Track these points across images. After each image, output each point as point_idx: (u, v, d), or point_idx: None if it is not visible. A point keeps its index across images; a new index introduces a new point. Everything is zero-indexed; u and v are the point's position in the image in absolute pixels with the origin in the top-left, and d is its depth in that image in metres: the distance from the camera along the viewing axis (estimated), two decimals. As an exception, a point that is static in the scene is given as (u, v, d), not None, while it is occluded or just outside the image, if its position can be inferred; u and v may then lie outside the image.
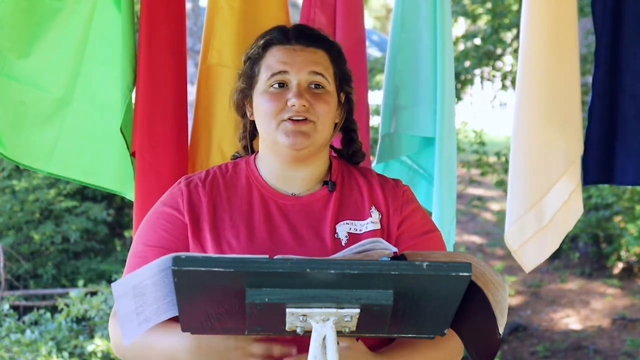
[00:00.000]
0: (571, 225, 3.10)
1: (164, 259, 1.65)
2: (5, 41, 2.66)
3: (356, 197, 2.03)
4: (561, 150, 2.98)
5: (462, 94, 10.95)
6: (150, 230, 2.01)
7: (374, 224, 1.99)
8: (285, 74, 2.00)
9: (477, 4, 10.69)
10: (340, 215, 2.00)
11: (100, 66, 2.75)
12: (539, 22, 2.98)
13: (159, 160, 2.76)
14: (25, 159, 2.76)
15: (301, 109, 1.96)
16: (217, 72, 2.90)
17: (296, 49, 2.02)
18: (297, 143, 1.96)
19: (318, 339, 1.64)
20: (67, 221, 9.21)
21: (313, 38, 2.05)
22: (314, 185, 2.04)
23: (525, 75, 2.99)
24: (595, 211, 10.18)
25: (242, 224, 1.97)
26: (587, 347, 8.83)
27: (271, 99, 1.99)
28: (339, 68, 2.07)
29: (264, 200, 2.01)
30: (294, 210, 2.00)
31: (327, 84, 2.02)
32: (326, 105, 2.00)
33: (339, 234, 1.97)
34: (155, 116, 2.76)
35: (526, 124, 2.99)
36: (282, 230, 1.97)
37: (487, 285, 1.70)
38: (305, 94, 1.98)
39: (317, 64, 2.01)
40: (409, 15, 3.07)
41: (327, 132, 2.02)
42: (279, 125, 1.97)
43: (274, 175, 2.03)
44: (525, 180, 2.99)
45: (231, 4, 2.90)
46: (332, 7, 3.00)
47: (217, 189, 2.02)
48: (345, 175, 2.08)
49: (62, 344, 6.79)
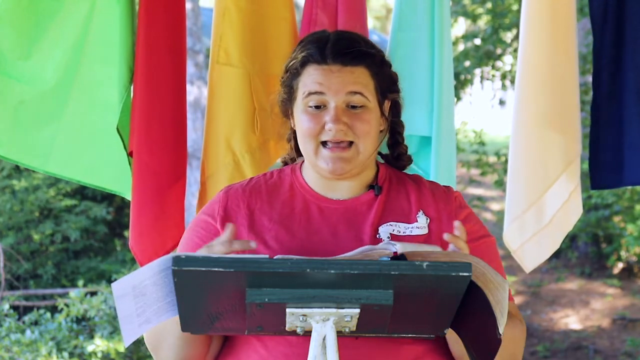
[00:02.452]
0: (571, 224, 3.09)
1: (164, 259, 1.65)
2: (5, 41, 2.66)
3: (403, 201, 2.01)
4: (559, 149, 2.97)
5: (462, 93, 10.96)
6: (187, 238, 2.03)
7: (419, 229, 1.96)
8: (322, 94, 1.94)
9: (477, 4, 10.70)
10: (384, 218, 1.97)
11: (99, 66, 2.75)
12: (538, 22, 2.98)
13: (156, 161, 2.75)
14: (24, 159, 2.76)
15: (339, 134, 1.93)
16: (225, 71, 2.90)
17: (333, 70, 1.95)
18: (337, 170, 1.94)
19: (318, 339, 1.64)
20: (67, 220, 9.21)
21: (352, 55, 1.97)
22: (360, 191, 2.02)
23: (524, 75, 2.99)
24: (595, 211, 10.18)
25: (281, 227, 1.96)
26: (587, 347, 8.83)
27: (309, 120, 1.95)
28: (381, 79, 2.00)
29: (306, 204, 2.00)
30: (337, 213, 1.98)
31: (366, 102, 1.96)
32: (366, 125, 1.95)
33: (381, 234, 1.95)
34: (153, 116, 2.75)
35: (525, 123, 2.99)
36: (322, 232, 1.95)
37: (487, 285, 1.70)
38: (342, 117, 1.93)
39: (355, 83, 1.95)
40: (407, 14, 3.07)
41: (371, 148, 1.98)
42: (317, 148, 1.95)
43: (318, 184, 2.02)
44: (523, 180, 2.98)
45: (238, 4, 2.91)
46: (333, 8, 3.01)
47: (258, 193, 2.02)
48: (393, 180, 2.05)
49: (62, 344, 6.79)
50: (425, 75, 3.03)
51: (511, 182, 3.01)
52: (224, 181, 2.88)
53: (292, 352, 1.86)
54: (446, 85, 3.04)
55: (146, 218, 2.77)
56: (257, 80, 2.94)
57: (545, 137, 2.96)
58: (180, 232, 2.83)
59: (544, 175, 2.97)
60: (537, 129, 2.97)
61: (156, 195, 2.76)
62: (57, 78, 2.73)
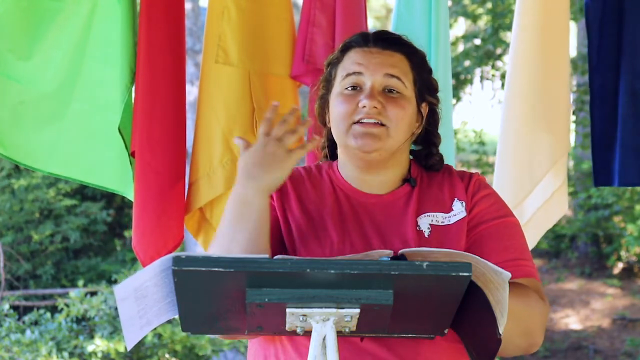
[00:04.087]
0: (552, 223, 3.11)
1: (164, 259, 1.65)
2: (6, 42, 2.67)
3: (436, 191, 2.00)
4: (546, 148, 2.99)
5: (462, 93, 10.97)
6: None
7: (457, 214, 1.96)
8: (360, 75, 1.94)
9: (477, 4, 10.71)
10: (421, 209, 1.96)
11: (100, 66, 2.75)
12: (531, 21, 3.00)
13: (158, 160, 2.76)
14: (25, 159, 2.76)
15: (372, 111, 1.90)
16: (224, 71, 2.90)
17: (373, 52, 1.96)
18: (366, 145, 1.91)
19: (318, 339, 1.64)
20: (67, 221, 9.22)
21: (392, 41, 1.99)
22: (394, 185, 2.00)
23: (514, 73, 3.02)
24: (595, 211, 10.19)
25: (331, 218, 1.95)
26: (587, 347, 8.84)
27: (344, 101, 1.94)
28: (420, 75, 2.00)
29: (349, 200, 1.98)
30: (377, 209, 1.97)
31: (403, 89, 1.95)
32: (401, 110, 1.93)
33: (420, 226, 1.94)
34: (154, 116, 2.76)
35: (512, 122, 3.02)
36: (368, 228, 1.94)
37: (487, 285, 1.70)
38: (378, 96, 1.91)
39: (394, 67, 1.95)
40: (405, 15, 3.08)
41: (401, 137, 1.95)
42: (349, 128, 1.93)
43: (354, 180, 2.00)
44: (510, 179, 3.01)
45: (237, 3, 2.91)
46: (331, 8, 3.01)
47: (302, 183, 2.00)
48: (424, 174, 2.04)
49: (62, 344, 6.79)
50: None
51: (498, 181, 3.03)
52: (221, 181, 2.88)
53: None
54: (444, 87, 3.03)
55: (148, 218, 2.77)
56: (256, 80, 2.95)
57: (531, 136, 2.98)
58: (181, 232, 2.83)
59: (530, 175, 2.99)
60: (524, 127, 3.00)
61: (158, 195, 2.77)
62: (59, 79, 2.73)
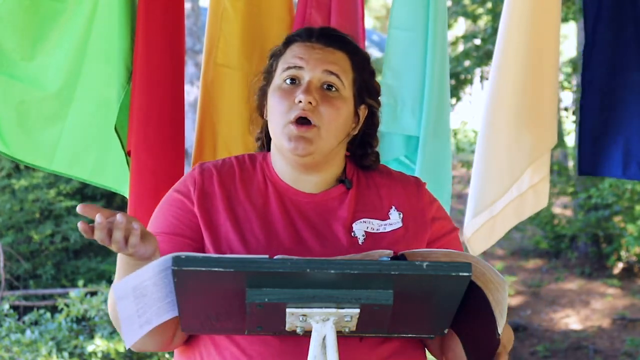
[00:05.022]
0: (524, 217, 3.14)
1: (163, 259, 1.65)
2: (8, 42, 2.67)
3: (373, 197, 1.98)
4: (527, 146, 3.00)
5: (462, 93, 10.96)
6: (162, 216, 1.98)
7: (393, 224, 1.94)
8: (300, 69, 1.93)
9: (477, 4, 10.71)
10: (357, 214, 1.94)
11: (102, 65, 2.75)
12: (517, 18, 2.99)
13: (154, 161, 2.74)
14: (28, 157, 2.77)
15: (307, 107, 1.89)
16: (224, 72, 2.90)
17: (315, 47, 1.95)
18: (298, 148, 1.90)
19: (318, 339, 1.64)
20: (67, 221, 9.21)
21: (336, 39, 1.98)
22: (329, 185, 1.98)
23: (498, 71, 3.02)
24: (595, 211, 10.19)
25: (258, 218, 1.92)
26: (587, 347, 8.84)
27: (281, 96, 1.93)
28: (360, 76, 1.98)
29: (280, 197, 1.95)
30: (310, 208, 1.94)
31: (342, 88, 1.93)
32: (335, 110, 1.91)
33: (355, 232, 1.92)
34: (151, 116, 2.75)
35: (493, 118, 3.02)
36: (300, 226, 1.92)
37: (487, 286, 1.70)
38: (314, 92, 1.90)
39: (334, 64, 1.93)
40: (402, 14, 3.07)
41: (333, 140, 1.93)
42: (284, 127, 1.91)
43: (287, 176, 1.97)
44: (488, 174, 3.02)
45: (235, 5, 2.90)
46: (327, 8, 3.00)
47: (232, 179, 1.97)
48: (361, 174, 2.02)
49: (62, 344, 6.79)
50: (417, 75, 3.03)
51: (476, 177, 3.05)
52: None
53: (268, 352, 1.82)
54: (440, 87, 3.03)
55: (143, 218, 2.76)
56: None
57: (514, 132, 2.99)
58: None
59: (510, 171, 3.00)
60: (506, 123, 3.00)
61: (154, 195, 2.76)
62: (61, 78, 2.73)
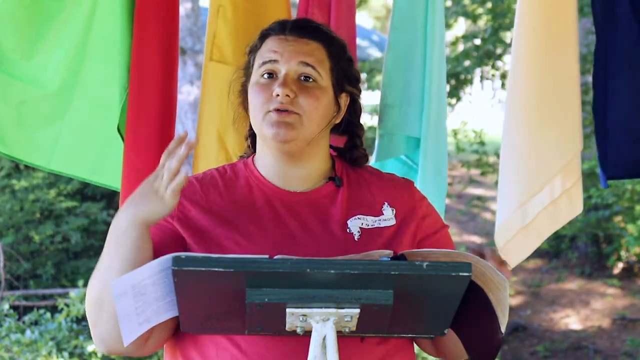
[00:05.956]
0: (559, 224, 3.08)
1: (164, 259, 1.65)
2: (7, 41, 2.67)
3: (366, 194, 1.97)
4: (555, 149, 2.97)
5: (462, 93, 10.96)
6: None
7: (387, 220, 1.94)
8: (275, 63, 1.93)
9: (477, 4, 10.70)
10: (351, 211, 1.94)
11: (101, 65, 2.76)
12: (535, 17, 2.96)
13: (142, 161, 2.74)
14: (27, 157, 2.77)
15: (285, 100, 1.89)
16: (219, 69, 2.90)
17: (289, 39, 1.95)
18: (280, 134, 1.89)
19: (318, 339, 1.64)
20: (67, 221, 9.21)
21: (309, 29, 1.98)
22: (317, 182, 1.97)
23: (516, 73, 2.97)
24: (595, 211, 10.18)
25: (250, 224, 1.90)
26: (587, 347, 8.83)
27: (259, 90, 1.93)
28: (337, 64, 1.99)
29: (268, 199, 1.94)
30: (301, 206, 1.93)
31: (319, 78, 1.94)
32: (314, 100, 1.91)
33: (350, 228, 1.91)
34: (142, 116, 2.75)
35: (517, 123, 2.98)
36: (292, 225, 1.90)
37: (488, 285, 1.70)
38: (291, 84, 1.91)
39: (309, 55, 1.94)
40: (401, 14, 3.08)
41: (315, 127, 1.93)
42: (264, 116, 1.91)
43: (273, 173, 1.96)
44: (515, 179, 2.98)
45: (233, 1, 2.91)
46: (327, 6, 3.01)
47: (215, 189, 1.95)
48: (350, 173, 2.02)
49: (62, 344, 6.79)
50: (417, 76, 3.03)
51: (503, 182, 3.01)
52: None
53: (268, 352, 1.80)
54: (437, 87, 3.03)
55: None
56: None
57: (539, 137, 2.95)
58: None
59: (537, 175, 2.96)
60: (529, 127, 2.96)
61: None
62: (60, 78, 2.74)
